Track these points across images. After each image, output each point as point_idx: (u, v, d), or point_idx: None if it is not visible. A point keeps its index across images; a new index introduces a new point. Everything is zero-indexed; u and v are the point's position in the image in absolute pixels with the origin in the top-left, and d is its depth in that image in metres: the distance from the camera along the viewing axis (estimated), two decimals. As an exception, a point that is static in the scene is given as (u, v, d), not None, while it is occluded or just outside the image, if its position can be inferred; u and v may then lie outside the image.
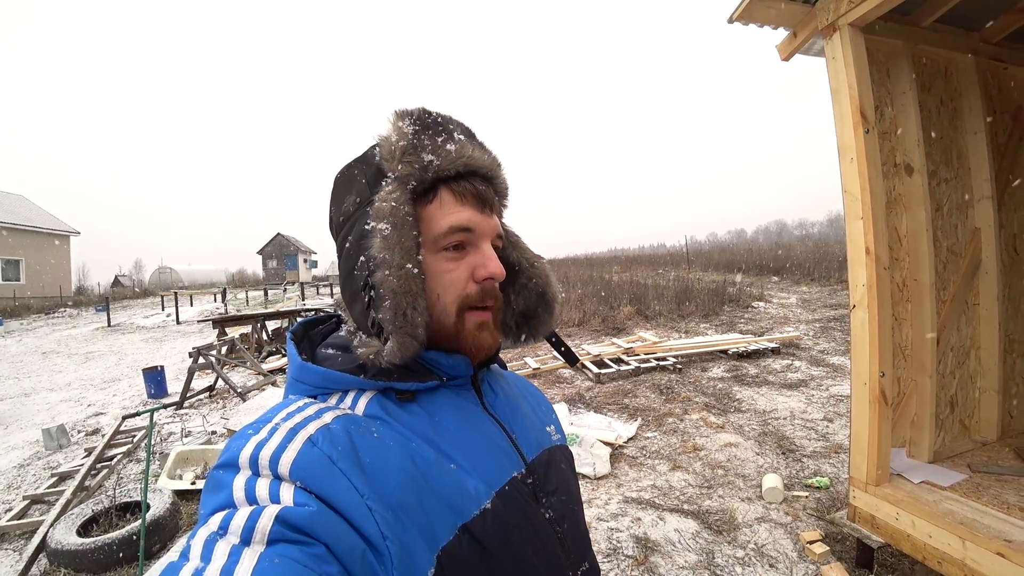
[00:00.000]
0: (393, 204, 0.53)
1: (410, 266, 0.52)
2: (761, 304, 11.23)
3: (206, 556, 0.38)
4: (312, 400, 0.54)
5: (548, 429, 0.70)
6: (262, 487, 0.43)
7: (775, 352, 6.85)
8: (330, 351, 0.60)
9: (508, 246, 0.69)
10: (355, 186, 0.58)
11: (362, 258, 0.54)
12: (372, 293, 0.53)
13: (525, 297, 0.69)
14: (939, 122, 2.57)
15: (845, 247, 2.30)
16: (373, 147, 0.58)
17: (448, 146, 0.55)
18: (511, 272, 0.68)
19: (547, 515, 0.58)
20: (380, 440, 0.50)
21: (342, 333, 0.62)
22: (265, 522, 0.40)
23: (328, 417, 0.50)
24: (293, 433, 0.47)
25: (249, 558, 0.37)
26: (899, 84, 2.39)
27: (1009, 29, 2.63)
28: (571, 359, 0.74)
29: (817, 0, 2.20)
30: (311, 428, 0.48)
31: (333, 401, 0.55)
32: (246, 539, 0.39)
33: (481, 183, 0.58)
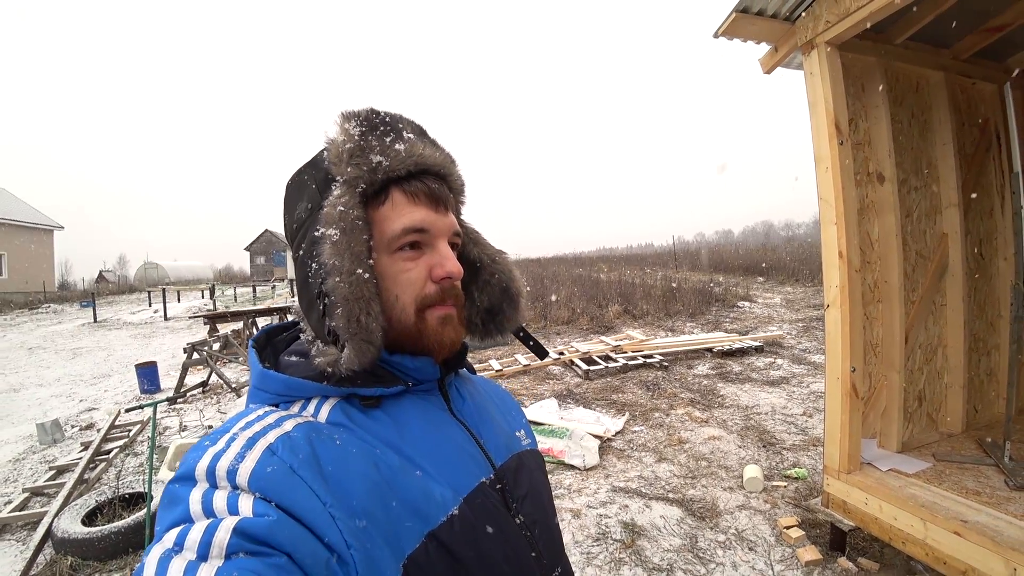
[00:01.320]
0: (341, 209, 0.52)
1: (360, 271, 0.51)
2: (746, 304, 11.49)
3: (160, 575, 0.37)
4: (273, 408, 0.53)
5: (518, 434, 0.69)
6: (220, 499, 0.42)
7: (759, 350, 7.07)
8: (293, 358, 0.59)
9: (468, 243, 0.69)
10: (306, 192, 0.57)
11: (315, 265, 0.53)
12: (326, 301, 0.52)
13: (489, 293, 0.69)
14: (910, 133, 2.74)
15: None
16: (322, 151, 0.57)
17: (397, 146, 0.54)
18: (473, 269, 0.69)
19: (518, 520, 0.58)
20: (343, 447, 0.49)
21: (303, 340, 0.61)
22: (222, 535, 0.39)
23: (289, 425, 0.49)
24: (252, 442, 0.46)
25: (205, 574, 0.36)
26: (872, 98, 2.55)
27: (977, 47, 2.81)
28: (540, 353, 0.73)
29: (797, 19, 2.35)
30: (271, 437, 0.47)
31: (295, 409, 0.54)
32: (203, 554, 0.38)
33: (434, 181, 0.57)
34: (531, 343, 0.73)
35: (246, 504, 0.42)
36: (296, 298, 0.62)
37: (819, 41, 2.30)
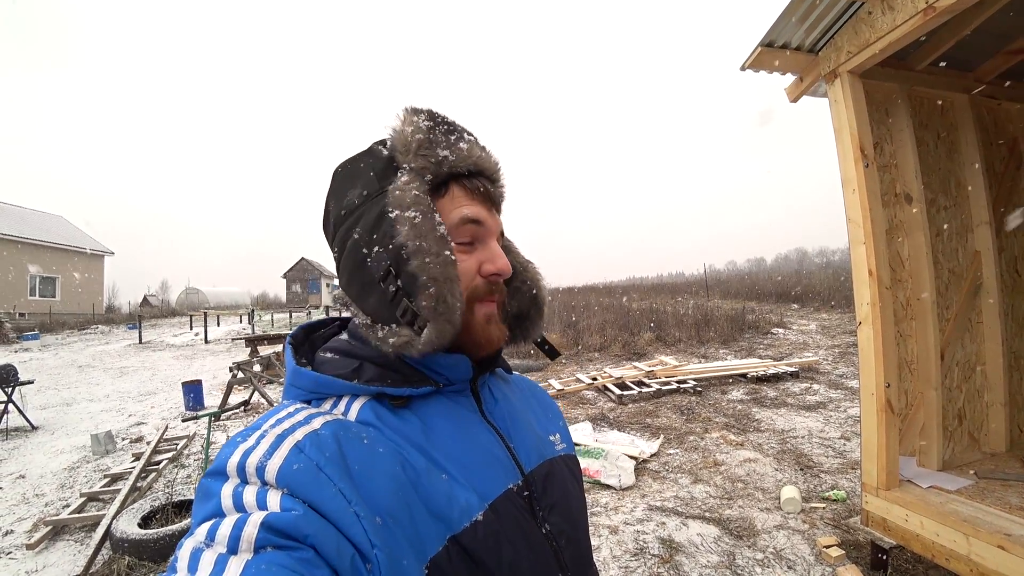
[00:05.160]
0: (416, 193, 0.53)
1: (447, 252, 0.53)
2: (780, 330, 11.29)
3: (192, 567, 0.38)
4: (304, 405, 0.54)
5: (552, 438, 0.68)
6: (249, 494, 0.43)
7: (794, 376, 6.96)
8: (328, 355, 0.59)
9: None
10: (361, 179, 0.57)
11: (378, 248, 0.54)
12: (398, 283, 0.53)
13: (519, 299, 0.70)
14: (937, 155, 2.80)
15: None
16: (379, 143, 0.59)
17: (460, 144, 0.57)
18: None
19: (544, 530, 0.56)
20: (370, 447, 0.49)
21: (343, 337, 0.62)
22: (251, 529, 0.40)
23: (318, 423, 0.50)
24: (280, 439, 0.47)
25: (235, 567, 0.37)
26: (897, 122, 2.64)
27: (1000, 69, 2.87)
28: (552, 354, 0.75)
29: (820, 50, 2.49)
30: (299, 434, 0.48)
31: (327, 406, 0.54)
32: (232, 548, 0.39)
33: (488, 183, 0.60)
34: (546, 347, 0.74)
35: (274, 499, 0.43)
36: (341, 287, 0.62)
37: (842, 71, 2.42)
